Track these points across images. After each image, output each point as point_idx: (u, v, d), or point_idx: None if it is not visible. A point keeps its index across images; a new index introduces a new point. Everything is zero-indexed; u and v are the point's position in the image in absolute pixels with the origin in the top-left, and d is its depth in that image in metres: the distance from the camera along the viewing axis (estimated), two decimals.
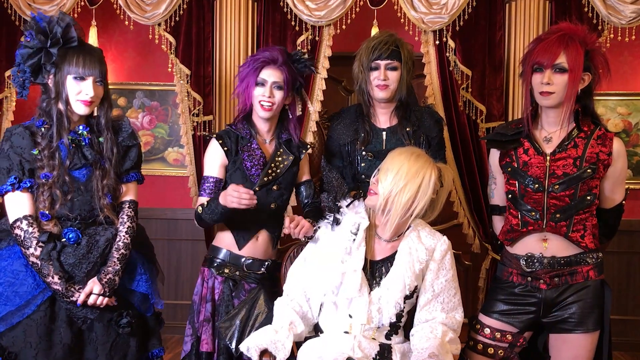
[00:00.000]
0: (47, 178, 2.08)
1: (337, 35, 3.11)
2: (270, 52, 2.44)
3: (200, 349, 2.39)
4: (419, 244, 2.16)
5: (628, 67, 4.12)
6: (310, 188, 2.61)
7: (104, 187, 2.16)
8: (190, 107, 3.13)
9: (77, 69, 2.08)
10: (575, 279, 2.31)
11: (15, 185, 2.06)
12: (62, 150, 2.11)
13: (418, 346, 2.07)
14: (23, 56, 2.10)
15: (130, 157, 2.27)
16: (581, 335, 2.29)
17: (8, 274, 2.08)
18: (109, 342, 2.13)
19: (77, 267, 2.09)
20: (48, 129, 2.11)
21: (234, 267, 2.43)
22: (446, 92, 3.05)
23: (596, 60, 2.26)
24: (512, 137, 2.38)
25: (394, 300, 2.10)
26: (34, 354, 2.02)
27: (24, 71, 2.10)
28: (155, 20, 3.08)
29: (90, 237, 2.13)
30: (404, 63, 2.50)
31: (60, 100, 2.10)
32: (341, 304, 2.14)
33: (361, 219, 2.19)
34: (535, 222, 2.32)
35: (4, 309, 2.03)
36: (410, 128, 2.57)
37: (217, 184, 2.44)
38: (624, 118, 4.14)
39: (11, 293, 2.05)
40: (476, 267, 3.19)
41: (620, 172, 2.31)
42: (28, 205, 2.08)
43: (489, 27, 3.07)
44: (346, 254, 2.14)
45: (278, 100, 2.41)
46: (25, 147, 2.08)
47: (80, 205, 2.13)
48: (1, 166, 2.08)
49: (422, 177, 2.10)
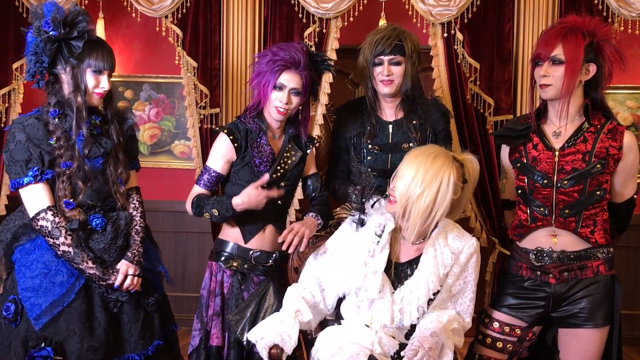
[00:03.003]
0: (68, 167, 2.12)
1: (345, 27, 3.09)
2: (292, 53, 2.34)
3: (210, 343, 2.38)
4: (445, 247, 2.09)
5: (638, 61, 4.09)
6: (317, 181, 2.60)
7: (118, 174, 2.23)
8: (197, 100, 3.13)
9: (96, 62, 2.13)
10: (585, 273, 2.29)
11: (37, 177, 2.08)
12: (78, 142, 2.14)
13: (421, 326, 2.05)
14: (38, 45, 2.07)
15: (133, 146, 2.37)
16: (590, 330, 2.27)
17: (40, 265, 2.11)
18: (139, 320, 2.22)
19: (107, 252, 2.17)
20: (62, 119, 2.14)
21: (242, 260, 2.42)
22: (454, 85, 3.03)
23: (605, 52, 2.23)
24: (521, 133, 2.36)
25: (417, 304, 2.06)
26: (79, 340, 2.08)
27: (42, 61, 2.09)
28: (162, 12, 3.07)
29: (113, 222, 2.20)
30: (407, 57, 2.48)
31: (80, 93, 2.12)
32: (363, 304, 2.11)
33: (387, 221, 2.13)
34: (544, 217, 2.30)
35: (45, 300, 2.07)
36: (417, 121, 2.56)
37: (217, 179, 2.43)
38: (633, 112, 4.11)
39: (49, 284, 2.08)
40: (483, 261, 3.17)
41: (632, 166, 2.29)
42: (48, 197, 2.11)
43: (498, 19, 3.04)
44: (369, 257, 2.10)
45: (294, 105, 2.39)
46: (42, 138, 2.10)
47: (99, 192, 2.19)
48: (18, 158, 2.08)
49: (440, 181, 1.99)
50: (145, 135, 4.33)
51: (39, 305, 2.06)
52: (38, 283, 2.08)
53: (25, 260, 2.12)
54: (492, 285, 3.13)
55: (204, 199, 2.38)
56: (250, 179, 2.39)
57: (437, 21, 2.98)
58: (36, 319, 2.06)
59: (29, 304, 2.07)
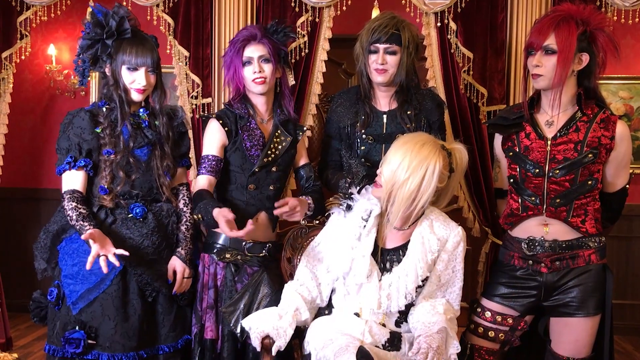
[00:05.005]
0: (110, 154, 2.23)
1: (338, 16, 3.06)
2: (247, 30, 2.49)
3: (205, 336, 2.37)
4: (431, 234, 2.13)
5: (630, 51, 4.10)
6: (310, 171, 2.60)
7: (163, 166, 2.32)
8: (189, 90, 3.10)
9: (130, 59, 2.24)
10: (577, 262, 2.30)
11: (71, 164, 2.21)
12: (124, 133, 2.27)
13: (424, 320, 2.06)
14: (82, 47, 2.28)
15: (184, 143, 2.46)
16: (582, 319, 2.29)
17: (81, 254, 2.20)
18: (172, 312, 2.32)
19: (148, 238, 2.25)
20: (110, 110, 2.27)
21: (236, 252, 2.41)
22: (447, 75, 3.01)
23: (599, 40, 2.23)
24: (514, 122, 2.36)
25: (406, 291, 2.08)
26: (113, 326, 2.18)
27: (83, 61, 2.29)
28: (153, 1, 3.03)
29: (156, 213, 2.29)
30: (404, 47, 2.47)
31: (119, 88, 2.26)
32: (351, 289, 2.13)
33: (373, 206, 2.17)
34: (535, 206, 2.30)
35: (82, 287, 2.19)
36: (412, 111, 2.55)
37: (218, 163, 2.41)
38: (625, 102, 4.12)
39: (87, 272, 2.16)
40: (476, 251, 3.18)
41: (624, 156, 2.29)
42: (79, 183, 2.23)
43: (491, 9, 3.02)
44: (356, 240, 2.12)
45: (269, 73, 2.42)
46: (86, 128, 2.23)
47: (141, 183, 2.28)
48: (61, 146, 2.25)
49: (426, 169, 2.03)
50: None
51: (77, 291, 2.19)
52: (77, 270, 2.20)
53: (68, 248, 2.26)
54: (484, 275, 3.14)
55: (199, 196, 2.33)
56: (242, 163, 2.39)
57: (431, 10, 2.96)
58: (74, 304, 2.19)
59: (68, 290, 2.21)
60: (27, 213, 4.56)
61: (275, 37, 2.51)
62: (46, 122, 4.56)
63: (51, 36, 4.48)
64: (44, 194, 4.52)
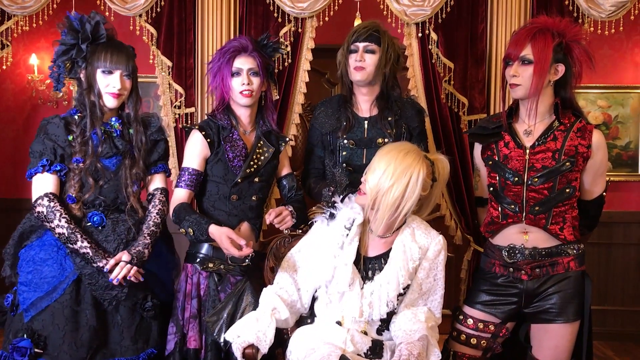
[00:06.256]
0: (78, 162, 2.21)
1: (320, 27, 3.09)
2: (239, 40, 2.47)
3: (187, 345, 2.35)
4: (413, 243, 2.15)
5: (608, 61, 4.17)
6: (293, 181, 2.61)
7: (132, 175, 2.28)
8: (172, 99, 3.10)
9: (105, 63, 2.22)
10: (556, 269, 2.33)
11: (45, 167, 2.20)
12: (94, 140, 2.24)
13: (405, 327, 2.08)
14: (57, 52, 2.26)
15: (158, 149, 2.40)
16: (562, 325, 2.32)
17: (35, 262, 2.21)
18: (134, 324, 2.25)
19: (106, 242, 2.21)
20: (82, 118, 2.25)
21: (218, 261, 2.41)
22: (428, 85, 3.05)
23: (574, 52, 2.27)
24: (493, 131, 2.40)
25: (387, 299, 2.10)
26: (62, 336, 2.14)
27: (58, 66, 2.26)
28: (136, 11, 3.04)
29: (114, 221, 2.25)
30: (383, 49, 2.51)
31: (92, 93, 2.24)
32: (333, 297, 2.14)
33: (356, 215, 2.18)
34: (514, 214, 2.33)
35: (34, 295, 2.17)
36: (392, 117, 2.58)
37: (198, 177, 2.42)
38: (604, 111, 4.19)
39: (39, 280, 2.17)
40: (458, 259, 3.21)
41: (600, 164, 2.33)
42: (52, 185, 2.20)
43: (472, 19, 3.07)
44: (338, 249, 2.14)
45: (256, 86, 2.42)
46: (60, 135, 2.22)
47: (107, 192, 2.25)
48: (35, 150, 2.24)
49: (410, 176, 2.05)
50: None
51: (29, 299, 2.17)
52: (30, 278, 2.19)
53: (26, 256, 2.24)
54: (467, 282, 3.16)
55: (185, 210, 2.34)
56: (225, 174, 2.40)
57: (412, 21, 3.00)
58: (25, 311, 2.17)
59: (22, 298, 2.19)
60: (8, 223, 4.49)
61: (265, 51, 2.52)
62: (28, 131, 4.52)
63: (33, 46, 4.46)
64: (26, 205, 4.44)
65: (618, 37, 3.99)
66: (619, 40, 4.10)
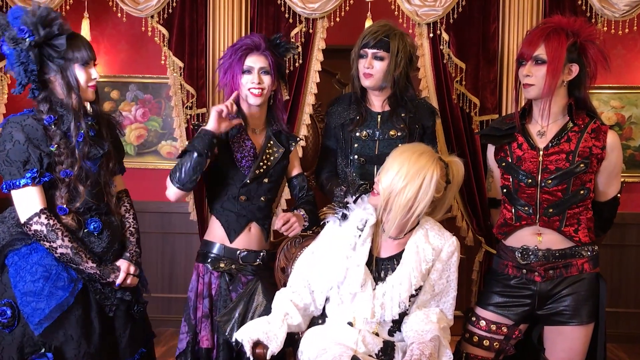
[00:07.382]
0: (68, 175, 2.07)
1: (331, 27, 3.09)
2: (251, 38, 2.44)
3: (200, 345, 2.37)
4: (426, 244, 2.13)
5: (621, 61, 4.13)
6: (303, 181, 2.61)
7: (109, 173, 2.22)
8: (184, 100, 3.11)
9: (82, 55, 2.08)
10: (570, 271, 2.31)
11: (35, 180, 2.01)
12: (77, 144, 2.08)
13: (417, 328, 2.07)
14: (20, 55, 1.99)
15: (121, 148, 2.36)
16: (575, 328, 2.30)
17: (42, 268, 2.04)
18: (129, 327, 2.23)
19: (104, 256, 2.17)
20: (59, 124, 2.07)
21: (230, 261, 2.42)
22: (440, 85, 3.04)
23: (589, 52, 2.25)
24: (506, 132, 2.38)
25: (399, 300, 2.09)
26: (77, 346, 2.05)
27: (31, 70, 2.01)
28: (148, 12, 3.05)
29: (108, 226, 2.19)
30: (392, 55, 2.50)
31: (74, 92, 2.07)
32: (345, 298, 2.13)
33: (369, 215, 2.16)
34: (528, 216, 2.32)
35: (49, 304, 2.01)
36: (406, 114, 2.58)
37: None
38: (617, 111, 4.15)
39: (52, 287, 2.03)
40: (470, 260, 3.20)
41: (615, 165, 2.31)
42: (41, 200, 2.04)
43: (483, 19, 3.06)
44: (351, 250, 2.13)
45: (267, 85, 2.40)
46: (42, 140, 2.03)
47: (95, 196, 2.17)
48: (15, 159, 2.00)
49: (423, 178, 2.03)
50: (132, 136, 4.31)
51: (42, 309, 2.00)
52: (40, 287, 2.01)
53: (24, 263, 2.05)
54: (478, 283, 3.15)
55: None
56: (234, 174, 2.40)
57: (423, 21, 2.99)
58: (39, 324, 1.99)
59: (30, 309, 2.00)
60: None
61: (277, 50, 2.49)
62: None
63: None
64: None
65: (632, 37, 3.95)
66: (632, 40, 4.06)
